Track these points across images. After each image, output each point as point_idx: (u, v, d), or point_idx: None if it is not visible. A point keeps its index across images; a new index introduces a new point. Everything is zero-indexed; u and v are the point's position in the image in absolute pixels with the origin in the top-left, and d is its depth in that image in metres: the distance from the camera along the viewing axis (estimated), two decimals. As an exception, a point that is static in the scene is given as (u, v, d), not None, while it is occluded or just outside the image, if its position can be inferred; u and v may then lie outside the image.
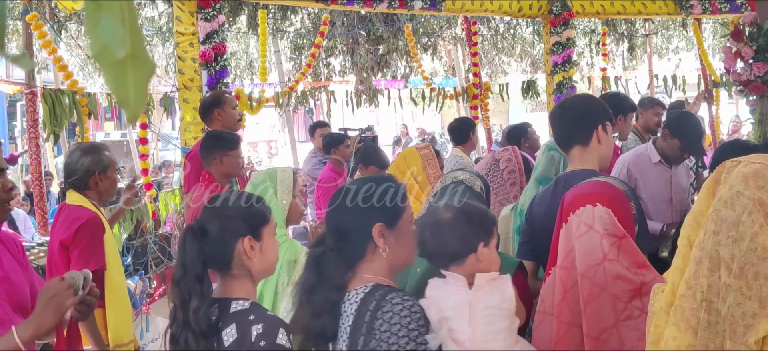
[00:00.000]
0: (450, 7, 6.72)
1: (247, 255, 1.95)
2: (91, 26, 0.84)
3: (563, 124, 2.73)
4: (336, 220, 1.97)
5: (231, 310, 1.91)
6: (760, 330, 1.53)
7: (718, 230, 1.60)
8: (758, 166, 1.61)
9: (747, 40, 4.71)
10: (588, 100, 2.83)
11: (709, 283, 1.59)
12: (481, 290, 1.95)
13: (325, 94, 10.59)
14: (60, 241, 3.29)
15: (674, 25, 14.55)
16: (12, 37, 10.67)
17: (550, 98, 7.59)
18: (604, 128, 2.66)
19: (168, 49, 12.94)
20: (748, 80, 4.70)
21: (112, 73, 0.84)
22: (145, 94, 0.88)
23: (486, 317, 1.91)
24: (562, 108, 2.78)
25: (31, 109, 6.88)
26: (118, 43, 0.84)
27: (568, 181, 2.59)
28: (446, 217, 2.05)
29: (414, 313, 1.83)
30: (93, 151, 3.47)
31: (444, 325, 1.90)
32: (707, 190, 1.71)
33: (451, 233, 2.02)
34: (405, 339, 1.80)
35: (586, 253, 2.09)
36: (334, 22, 11.07)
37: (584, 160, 2.67)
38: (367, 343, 1.82)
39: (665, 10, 7.70)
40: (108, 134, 15.92)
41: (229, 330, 1.88)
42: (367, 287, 1.90)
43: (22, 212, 8.06)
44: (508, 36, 13.88)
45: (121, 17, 0.85)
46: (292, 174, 3.14)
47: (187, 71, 5.23)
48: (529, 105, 20.27)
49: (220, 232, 1.94)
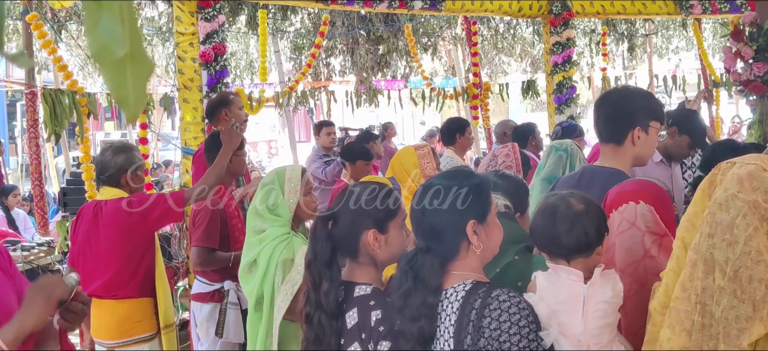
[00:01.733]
0: (450, 7, 6.72)
1: (372, 246, 2.10)
2: (90, 25, 0.84)
3: (599, 119, 2.65)
4: (427, 221, 1.93)
5: (354, 294, 2.07)
6: (754, 333, 1.53)
7: (712, 233, 1.60)
8: (753, 168, 1.61)
9: (747, 40, 4.71)
10: (628, 99, 2.67)
11: (704, 285, 1.59)
12: (595, 285, 1.94)
13: (325, 94, 10.59)
14: (127, 226, 3.52)
15: (674, 25, 14.55)
16: (12, 37, 10.67)
17: (550, 98, 7.58)
18: (643, 129, 2.56)
19: (168, 49, 12.95)
20: (748, 80, 4.69)
21: (111, 73, 0.84)
22: (144, 93, 0.88)
23: (597, 312, 1.91)
24: (602, 102, 2.67)
25: (31, 109, 6.89)
26: (117, 42, 0.84)
27: (594, 176, 2.57)
28: (580, 209, 2.01)
29: (522, 309, 1.79)
30: (125, 150, 3.67)
31: (554, 320, 1.87)
32: (702, 191, 1.70)
33: (588, 226, 1.99)
34: (516, 336, 1.76)
35: (627, 249, 2.09)
36: (334, 22, 11.07)
37: (615, 159, 2.60)
38: (475, 342, 1.78)
39: (665, 10, 7.69)
40: (108, 134, 15.92)
41: (352, 313, 2.04)
42: (467, 285, 1.87)
43: (22, 212, 8.06)
44: (508, 36, 13.88)
45: (121, 17, 0.85)
46: (300, 173, 3.16)
47: (187, 71, 5.23)
48: (529, 105, 20.28)
49: (348, 223, 2.11)
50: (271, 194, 3.05)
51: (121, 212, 3.52)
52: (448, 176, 2.00)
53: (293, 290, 2.82)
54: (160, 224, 3.74)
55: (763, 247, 1.53)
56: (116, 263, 3.52)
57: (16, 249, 4.57)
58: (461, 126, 5.74)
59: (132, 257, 3.56)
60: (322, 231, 2.12)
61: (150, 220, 3.56)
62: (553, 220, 2.02)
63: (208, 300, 3.94)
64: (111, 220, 3.54)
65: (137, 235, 3.58)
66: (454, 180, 1.95)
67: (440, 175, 2.05)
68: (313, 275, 2.09)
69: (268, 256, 2.93)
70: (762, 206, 1.55)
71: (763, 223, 1.54)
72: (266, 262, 2.92)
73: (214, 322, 3.85)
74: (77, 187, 6.16)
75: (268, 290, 2.90)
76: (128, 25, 0.85)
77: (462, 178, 1.97)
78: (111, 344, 3.56)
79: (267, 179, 3.14)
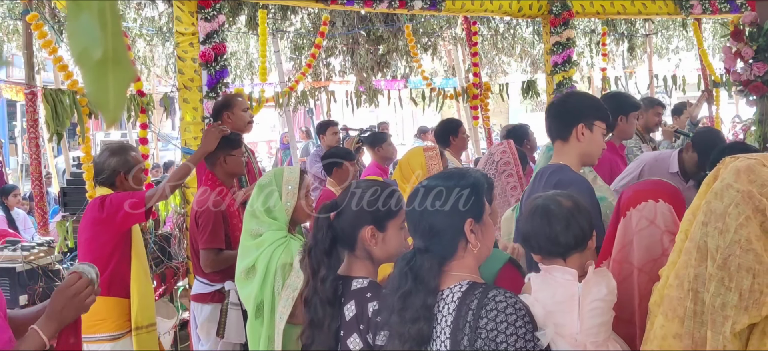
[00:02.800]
0: (450, 7, 6.72)
1: (368, 242, 2.19)
2: (71, 27, 0.84)
3: (547, 117, 2.85)
4: (426, 221, 1.93)
5: (352, 288, 2.16)
6: (738, 323, 1.53)
7: (706, 222, 1.60)
8: (753, 162, 1.62)
9: (747, 40, 4.70)
10: (573, 98, 2.94)
11: (696, 273, 1.60)
12: (590, 283, 1.94)
13: (325, 94, 10.58)
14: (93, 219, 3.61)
15: (674, 25, 14.54)
16: (12, 37, 10.67)
17: (550, 98, 7.57)
18: (587, 127, 2.71)
19: (168, 49, 12.93)
20: (748, 80, 4.69)
21: (91, 76, 0.83)
22: (124, 98, 0.87)
23: (592, 310, 1.92)
24: (551, 103, 2.91)
25: (31, 110, 6.87)
26: (95, 44, 0.83)
27: (543, 173, 2.73)
28: (570, 205, 2.04)
29: (519, 309, 1.79)
30: (120, 152, 3.75)
31: (550, 320, 1.87)
32: (706, 185, 1.71)
33: (581, 220, 2.01)
34: (513, 337, 1.76)
35: (645, 247, 2.10)
36: (334, 22, 11.06)
37: (561, 155, 2.76)
38: (472, 344, 1.78)
39: (665, 10, 7.69)
40: (108, 134, 15.89)
41: (350, 306, 2.13)
42: (463, 285, 1.87)
43: (22, 212, 8.06)
44: (508, 36, 13.86)
45: (102, 19, 0.84)
46: (298, 174, 3.14)
47: (187, 71, 5.23)
48: (529, 105, 20.26)
49: (349, 217, 2.20)
50: (269, 196, 3.03)
51: (95, 209, 3.63)
52: (445, 177, 2.01)
53: (294, 296, 2.80)
54: (126, 225, 3.69)
55: (753, 236, 1.53)
56: (86, 259, 3.54)
57: (16, 249, 4.56)
58: (454, 128, 5.68)
59: (99, 255, 3.56)
60: (324, 221, 2.20)
61: (117, 220, 3.60)
62: (547, 221, 2.03)
63: (208, 300, 3.94)
64: (87, 216, 3.66)
65: (104, 234, 3.63)
66: (451, 180, 1.96)
67: (436, 175, 2.05)
68: (312, 262, 2.18)
69: (267, 261, 2.90)
70: (756, 197, 1.55)
71: (756, 214, 1.54)
72: (265, 267, 2.90)
73: (215, 323, 3.85)
74: (77, 187, 6.16)
75: (268, 296, 2.89)
76: (110, 28, 0.84)
77: (458, 178, 1.97)
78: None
79: (264, 181, 3.12)
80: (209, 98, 5.18)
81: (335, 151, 5.66)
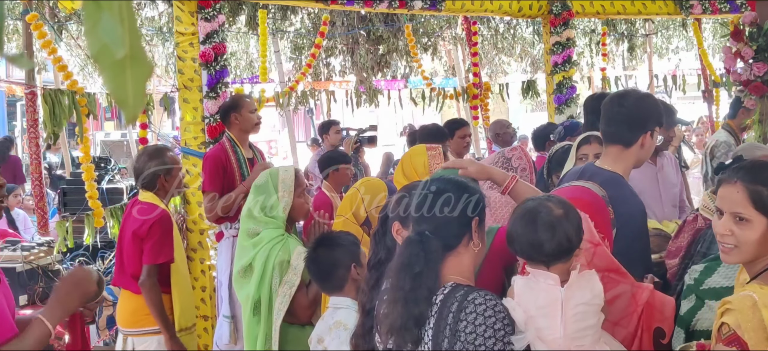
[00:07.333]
0: (450, 7, 6.71)
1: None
2: (90, 26, 0.84)
3: (612, 119, 2.58)
4: (432, 222, 1.96)
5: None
6: None
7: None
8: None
9: (747, 40, 4.70)
10: (645, 102, 2.63)
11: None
12: (572, 287, 1.93)
13: (325, 94, 10.58)
14: (133, 231, 3.68)
15: (674, 25, 14.53)
16: (12, 37, 10.67)
17: (549, 98, 7.58)
18: (652, 134, 2.57)
19: (168, 49, 12.93)
20: (748, 80, 4.70)
21: (110, 74, 0.84)
22: (143, 94, 0.88)
23: (576, 315, 1.90)
24: (617, 103, 2.60)
25: (31, 109, 6.88)
26: (117, 43, 0.84)
27: (594, 177, 2.53)
28: (560, 214, 1.98)
29: (498, 312, 1.80)
30: (157, 155, 3.88)
31: (531, 324, 1.87)
32: None
33: (569, 230, 1.97)
34: (491, 340, 1.77)
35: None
36: (334, 22, 11.06)
37: (617, 162, 2.57)
38: (452, 345, 1.79)
39: (665, 10, 7.68)
40: (108, 134, 15.88)
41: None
42: (446, 288, 1.89)
43: (22, 212, 8.05)
44: (508, 36, 13.86)
45: (120, 17, 0.85)
46: (293, 173, 3.16)
47: (187, 71, 5.23)
48: (529, 105, 20.27)
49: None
50: (265, 196, 3.04)
51: (139, 213, 3.77)
52: (458, 183, 2.05)
53: (291, 292, 2.81)
54: (147, 256, 3.77)
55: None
56: (130, 259, 3.72)
57: (16, 249, 4.57)
58: (445, 132, 5.52)
59: (139, 257, 3.71)
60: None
61: (145, 246, 3.71)
62: (534, 227, 1.97)
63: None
64: (132, 220, 3.77)
65: (139, 240, 3.73)
66: (464, 187, 2.02)
67: (450, 180, 2.07)
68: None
69: (264, 260, 2.92)
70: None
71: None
72: (262, 265, 2.91)
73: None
74: (77, 187, 6.16)
75: (266, 294, 2.89)
76: (128, 26, 0.85)
77: (468, 185, 2.04)
78: (125, 331, 3.81)
79: (260, 181, 3.13)
80: (209, 98, 5.18)
81: (331, 155, 5.61)
